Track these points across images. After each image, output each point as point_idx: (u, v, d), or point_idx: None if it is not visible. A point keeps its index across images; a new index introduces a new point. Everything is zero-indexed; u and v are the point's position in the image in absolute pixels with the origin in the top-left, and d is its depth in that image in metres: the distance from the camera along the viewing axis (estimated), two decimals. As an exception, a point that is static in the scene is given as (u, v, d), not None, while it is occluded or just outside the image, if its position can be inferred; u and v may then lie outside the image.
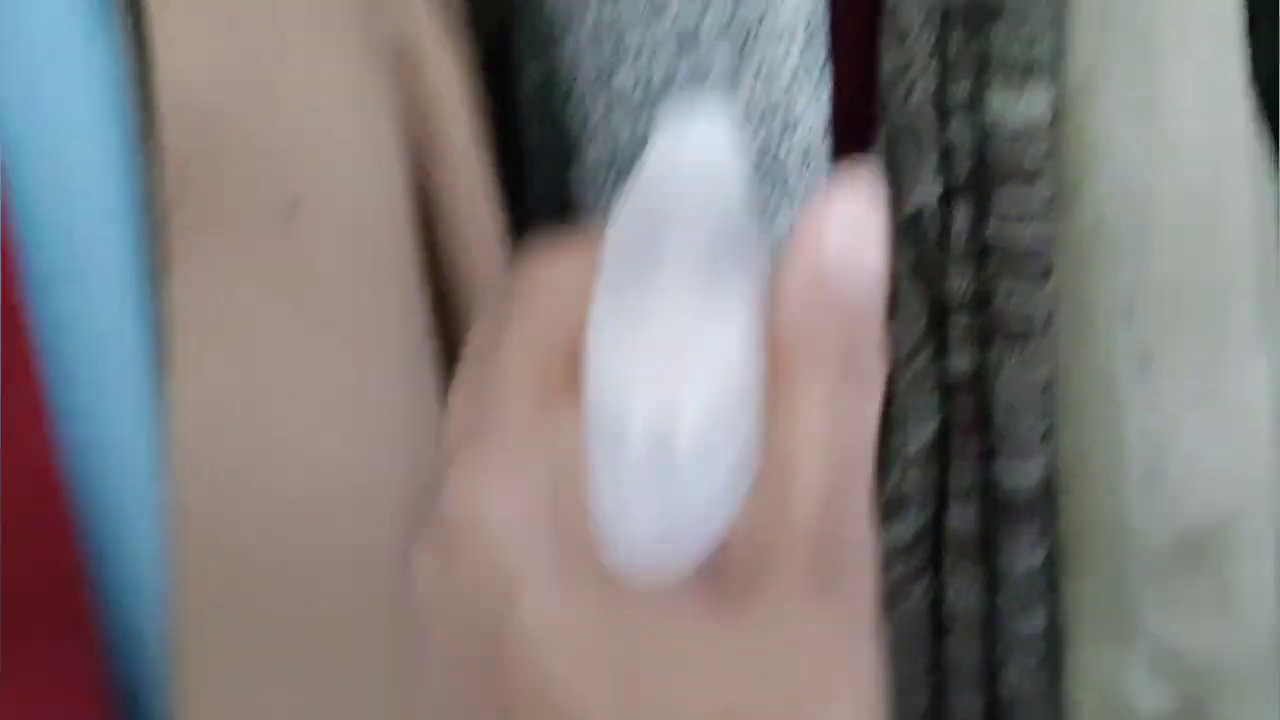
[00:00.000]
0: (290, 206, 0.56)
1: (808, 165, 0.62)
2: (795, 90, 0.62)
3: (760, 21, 0.62)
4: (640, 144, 0.73)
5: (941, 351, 0.66)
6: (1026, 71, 0.59)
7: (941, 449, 0.67)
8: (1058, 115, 0.60)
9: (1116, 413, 0.63)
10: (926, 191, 0.62)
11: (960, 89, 0.61)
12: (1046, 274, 0.62)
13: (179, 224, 0.55)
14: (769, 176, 0.63)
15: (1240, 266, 0.59)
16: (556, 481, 0.27)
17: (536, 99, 0.82)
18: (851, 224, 0.26)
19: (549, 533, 0.26)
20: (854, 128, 0.65)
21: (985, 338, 0.64)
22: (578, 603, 0.26)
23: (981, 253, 0.63)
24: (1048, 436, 0.64)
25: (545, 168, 0.83)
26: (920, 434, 0.67)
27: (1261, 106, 0.60)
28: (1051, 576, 0.68)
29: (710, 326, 0.26)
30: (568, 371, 0.27)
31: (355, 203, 0.58)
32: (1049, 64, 0.58)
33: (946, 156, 0.62)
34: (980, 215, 0.62)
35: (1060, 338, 0.64)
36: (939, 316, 0.66)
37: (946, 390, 0.66)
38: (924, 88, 0.61)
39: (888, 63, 0.62)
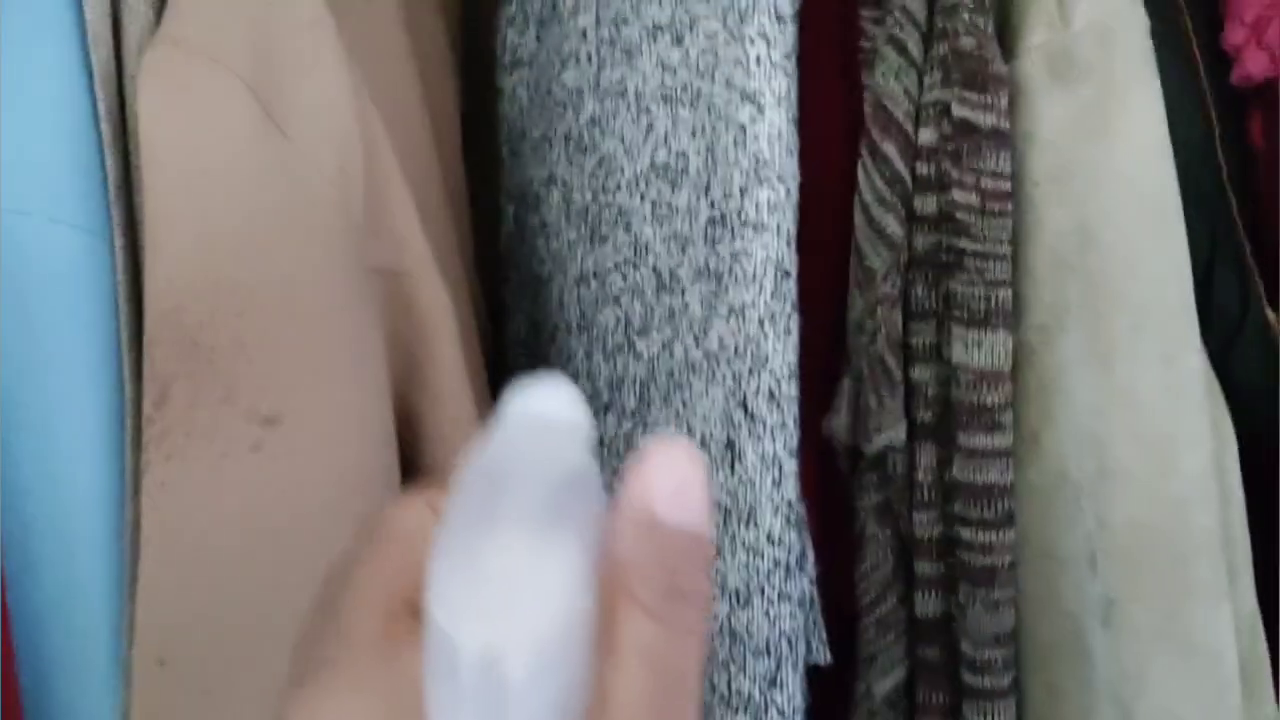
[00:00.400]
0: (265, 424, 0.57)
1: (776, 403, 0.64)
2: (764, 331, 0.64)
3: (731, 268, 0.65)
4: (618, 384, 0.76)
5: (907, 597, 0.66)
6: (986, 320, 0.61)
7: (909, 699, 0.66)
8: (1018, 363, 0.62)
9: (1086, 662, 0.62)
10: (893, 433, 0.64)
11: (924, 334, 0.63)
12: (1009, 520, 0.62)
13: (154, 433, 0.56)
14: (736, 415, 0.65)
15: (1200, 513, 0.60)
16: (396, 713, 0.28)
17: (524, 344, 0.85)
18: (676, 469, 0.29)
19: None
20: (821, 368, 0.67)
21: (951, 584, 0.64)
22: None
23: (946, 496, 0.64)
24: (1016, 684, 0.64)
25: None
26: (886, 681, 0.66)
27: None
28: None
29: (543, 567, 0.28)
30: (412, 609, 0.29)
31: (333, 424, 0.59)
32: (1008, 313, 0.61)
33: (911, 399, 0.64)
34: (945, 458, 0.63)
35: (1027, 586, 0.64)
36: (905, 560, 0.66)
37: (913, 636, 0.66)
38: (888, 333, 0.63)
39: (855, 308, 0.65)
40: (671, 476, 0.29)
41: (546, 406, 0.31)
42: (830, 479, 0.70)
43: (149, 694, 0.54)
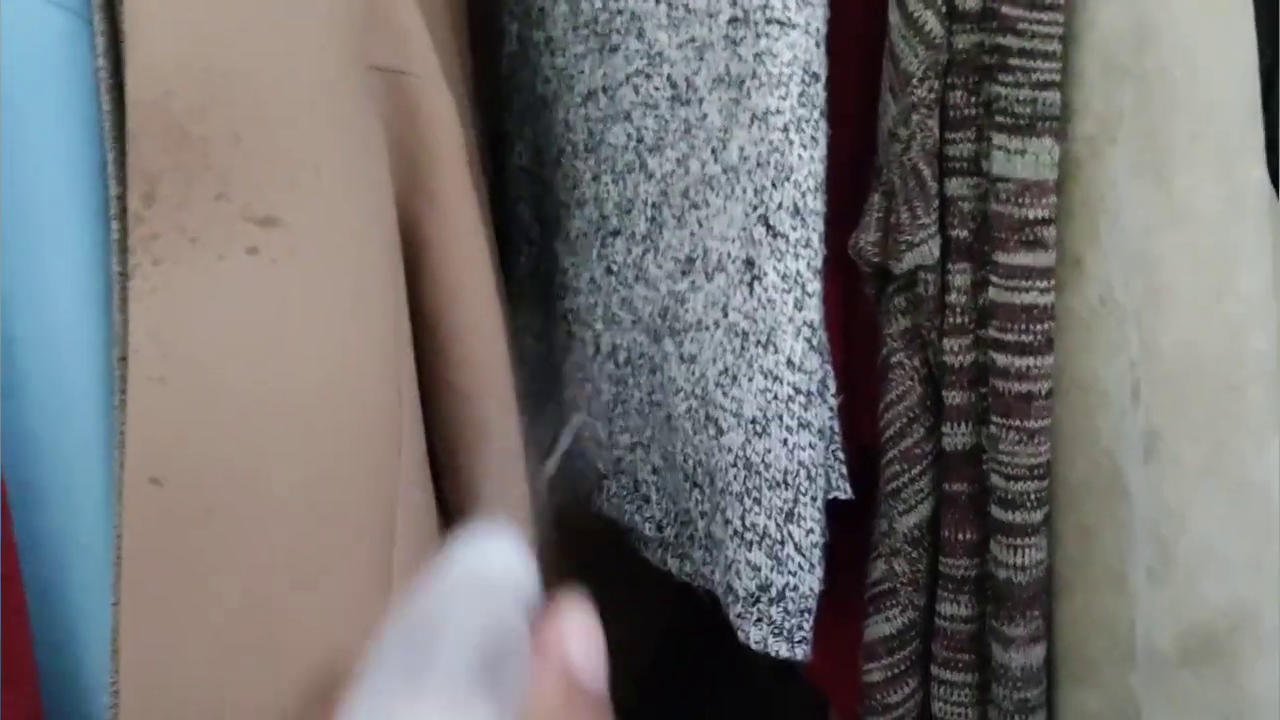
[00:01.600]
0: (263, 225, 0.54)
1: (800, 218, 0.60)
2: (789, 139, 0.60)
3: (754, 71, 0.61)
4: (628, 207, 0.72)
5: (935, 429, 0.63)
6: (1031, 127, 0.57)
7: (933, 535, 0.63)
8: (1062, 179, 0.58)
9: (1121, 502, 0.60)
10: (925, 250, 0.60)
11: (963, 144, 0.59)
12: (1048, 344, 0.59)
13: (142, 235, 0.52)
14: (756, 231, 0.61)
15: (1255, 336, 0.56)
16: None
17: (527, 171, 0.81)
18: (586, 632, 0.32)
19: None
20: (850, 182, 0.63)
21: (982, 414, 0.61)
22: None
23: (981, 320, 0.60)
24: (1048, 521, 0.61)
25: (532, 244, 0.82)
26: (910, 517, 0.63)
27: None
28: (1049, 685, 0.63)
29: None
30: None
31: (335, 227, 0.55)
32: (1055, 118, 0.57)
33: (946, 214, 0.60)
34: (981, 279, 0.60)
35: (1062, 420, 0.61)
36: (933, 391, 0.63)
37: (939, 471, 0.63)
38: (924, 142, 0.59)
39: (887, 115, 0.61)
40: (585, 641, 0.31)
41: (488, 562, 0.32)
42: (855, 302, 0.66)
43: (142, 515, 0.51)
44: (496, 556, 0.32)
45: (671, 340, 0.68)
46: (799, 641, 0.63)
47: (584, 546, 0.75)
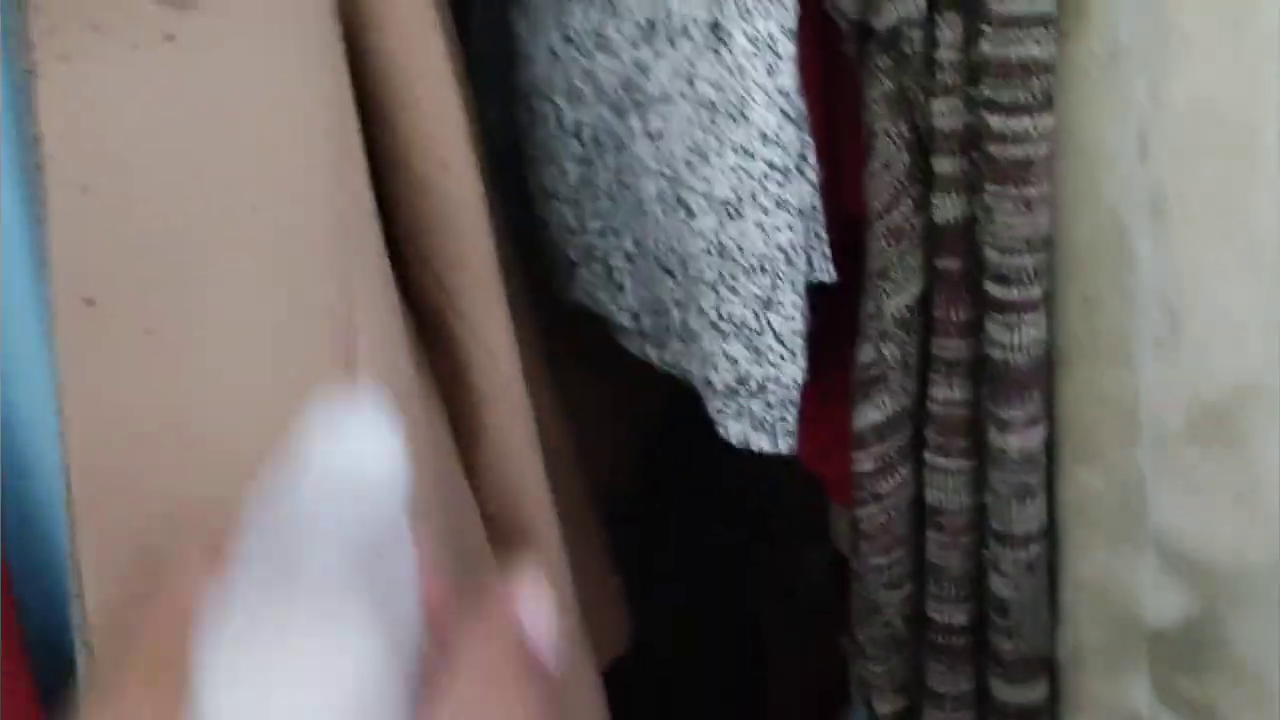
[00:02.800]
0: (179, 7, 0.49)
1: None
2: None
3: None
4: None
5: (924, 201, 0.58)
6: None
7: (924, 316, 0.60)
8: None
9: (1128, 266, 0.56)
10: (909, 3, 0.55)
11: (948, -124, 0.53)
12: (1048, 102, 0.54)
13: (42, 27, 0.47)
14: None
15: (1271, 86, 0.51)
16: None
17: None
18: (540, 603, 0.31)
19: None
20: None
21: (975, 182, 0.56)
22: None
23: (971, 79, 0.55)
24: (1049, 295, 0.57)
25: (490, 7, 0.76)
26: (898, 299, 0.60)
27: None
28: (1050, 465, 0.61)
29: (331, 652, 0.27)
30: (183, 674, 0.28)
31: (260, 8, 0.50)
32: None
33: (931, -40, 0.55)
34: (972, 32, 0.55)
35: (1064, 180, 0.56)
36: (921, 159, 0.58)
37: (929, 247, 0.59)
38: (905, -124, 0.53)
39: None
40: (538, 608, 0.30)
41: (355, 447, 0.29)
42: (837, 64, 0.61)
43: (79, 339, 0.48)
44: (364, 440, 0.29)
45: (636, 115, 0.64)
46: (783, 435, 0.61)
47: (567, 344, 0.72)
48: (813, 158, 0.59)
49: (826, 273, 0.61)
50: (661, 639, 0.89)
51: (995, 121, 0.55)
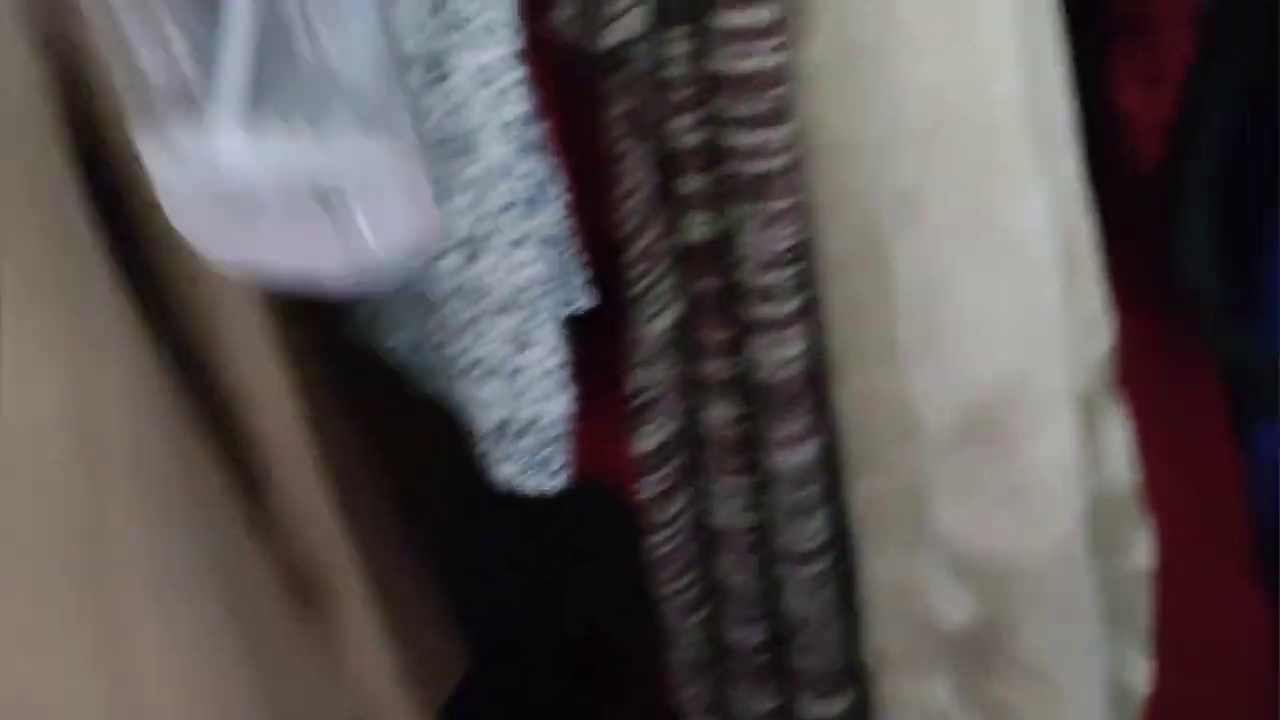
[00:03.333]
0: None
1: (480, -1, 0.52)
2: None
3: None
4: None
5: (676, 222, 0.57)
6: None
7: (688, 337, 0.58)
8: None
9: (885, 270, 0.55)
10: (629, 22, 0.53)
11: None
12: (783, 113, 0.53)
13: None
14: (434, 21, 0.53)
15: (1005, 79, 0.51)
16: None
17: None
18: None
19: None
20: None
21: (722, 200, 0.55)
22: None
23: (706, 95, 0.54)
24: (808, 308, 0.56)
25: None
26: (659, 323, 0.58)
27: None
28: (830, 478, 0.60)
29: None
30: None
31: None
32: None
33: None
34: (700, 45, 0.53)
35: (818, 184, 0.55)
36: (668, 179, 0.56)
37: (684, 268, 0.57)
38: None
39: None
40: None
41: None
42: (578, 84, 0.59)
43: None
44: None
45: (374, 151, 0.61)
46: (554, 473, 0.59)
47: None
48: (559, 182, 0.57)
49: (586, 299, 0.59)
50: (508, 658, 0.87)
51: (734, 137, 0.54)
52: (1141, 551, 0.64)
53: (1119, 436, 0.62)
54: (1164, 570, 0.65)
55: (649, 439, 0.60)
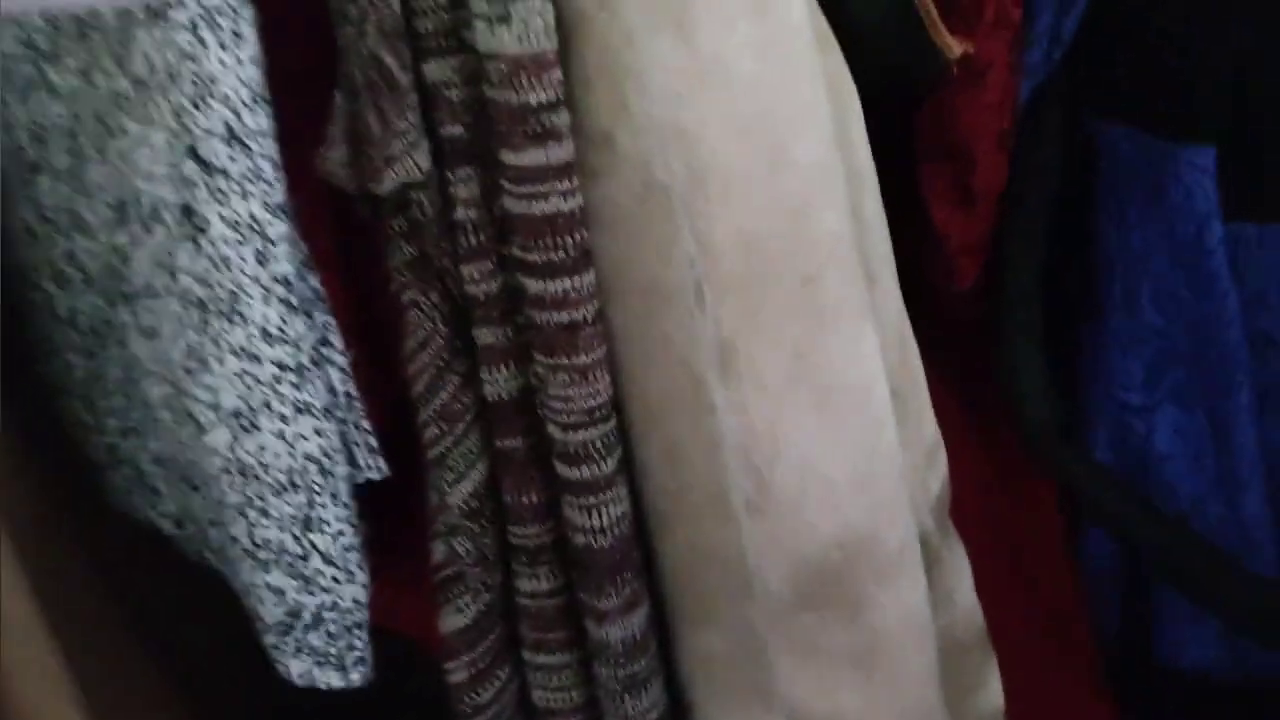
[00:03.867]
0: None
1: (240, 145, 0.46)
2: (200, 41, 0.45)
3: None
4: (40, 135, 0.56)
5: (472, 376, 0.51)
6: (511, -14, 0.44)
7: (494, 502, 0.53)
8: (570, 40, 0.47)
9: (708, 417, 0.50)
10: (409, 165, 0.47)
11: (434, 14, 0.47)
12: (584, 257, 0.48)
13: None
14: (186, 168, 0.47)
15: (822, 211, 0.47)
16: None
17: None
18: None
19: None
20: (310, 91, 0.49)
21: (524, 350, 0.50)
22: None
23: (500, 237, 0.49)
24: (624, 465, 0.51)
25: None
26: (461, 488, 0.52)
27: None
28: (666, 634, 0.55)
29: None
30: None
31: None
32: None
33: (431, 109, 0.47)
34: (491, 185, 0.48)
35: (628, 329, 0.50)
36: (463, 329, 0.51)
37: (486, 427, 0.52)
38: (381, 21, 0.46)
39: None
40: None
41: None
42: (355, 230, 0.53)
43: None
44: None
45: (126, 308, 0.54)
46: (354, 666, 0.52)
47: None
48: (337, 340, 0.51)
49: (377, 468, 0.53)
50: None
51: (533, 285, 0.49)
52: (991, 688, 0.61)
53: (962, 571, 0.58)
54: (1015, 695, 0.62)
55: (457, 618, 0.54)
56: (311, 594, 0.51)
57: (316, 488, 0.50)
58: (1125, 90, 0.57)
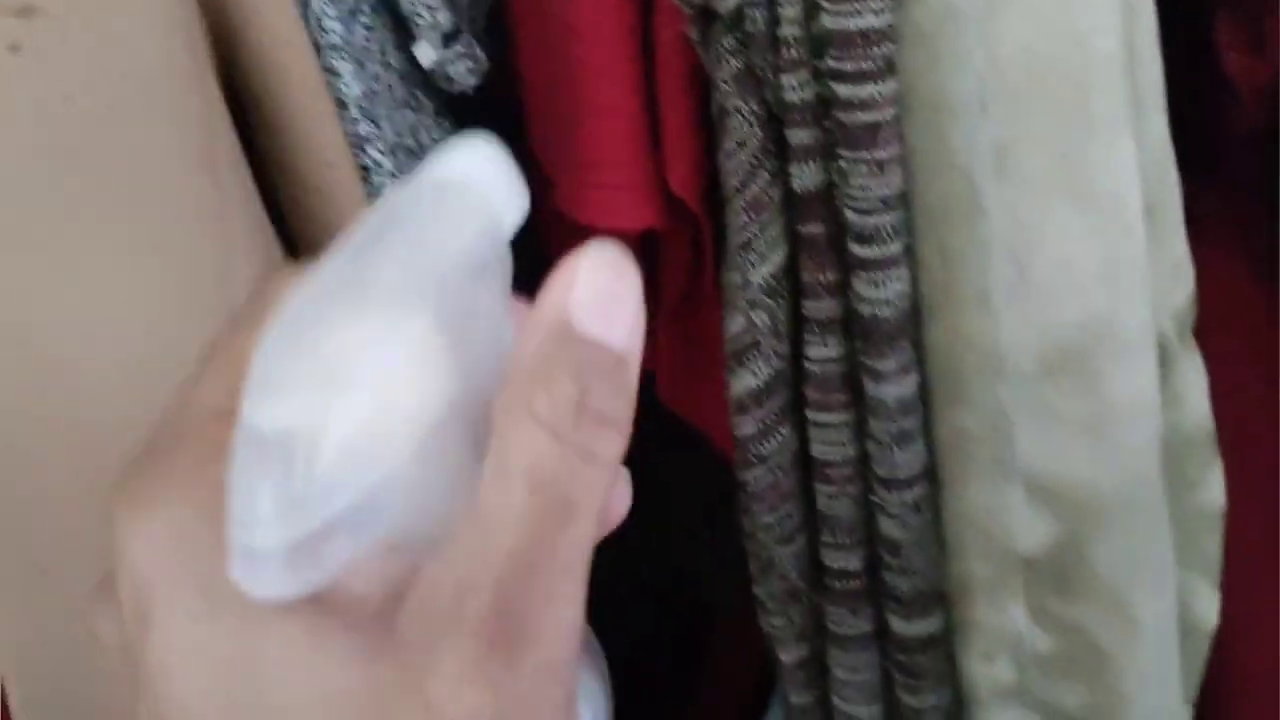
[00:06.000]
0: (20, 14, 0.50)
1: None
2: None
3: None
4: None
5: (780, 172, 0.63)
6: None
7: (790, 281, 0.65)
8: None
9: (979, 217, 0.61)
10: (749, -18, 0.59)
11: None
12: (889, 68, 0.59)
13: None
14: None
15: (1101, 34, 0.57)
16: (209, 512, 0.26)
17: None
18: (603, 276, 0.27)
19: (195, 556, 0.26)
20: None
21: (829, 149, 0.61)
22: (211, 634, 0.26)
23: (816, 52, 0.60)
24: (910, 249, 0.62)
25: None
26: (764, 268, 0.64)
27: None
28: (925, 411, 0.66)
29: (391, 352, 0.26)
30: None
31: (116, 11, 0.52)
32: None
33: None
34: (812, 6, 0.59)
35: (915, 142, 0.61)
36: (774, 132, 0.62)
37: (790, 215, 0.63)
38: None
39: None
40: (596, 284, 0.27)
41: (465, 170, 0.28)
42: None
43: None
44: (478, 168, 0.28)
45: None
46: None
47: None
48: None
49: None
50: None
51: (843, 90, 0.60)
52: (1213, 489, 0.70)
53: (1196, 381, 0.67)
54: (1239, 511, 0.71)
55: (750, 380, 0.66)
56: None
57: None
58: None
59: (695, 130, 0.66)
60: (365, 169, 0.59)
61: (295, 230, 0.60)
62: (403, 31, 0.61)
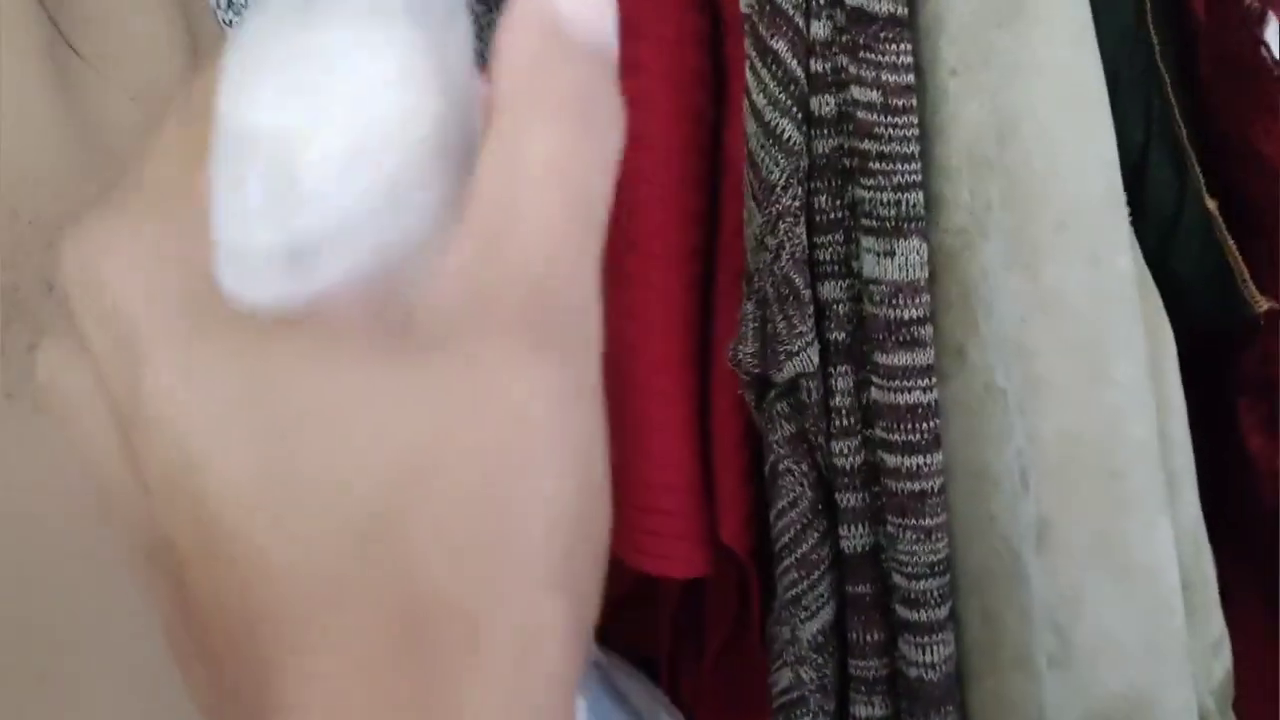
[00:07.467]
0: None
1: None
2: None
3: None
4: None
5: (829, 533, 0.66)
6: (897, 228, 0.61)
7: (838, 639, 0.67)
8: (936, 271, 0.62)
9: (1021, 585, 0.64)
10: (805, 357, 0.63)
11: (831, 247, 0.63)
12: (935, 441, 0.63)
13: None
14: None
15: (1134, 423, 0.61)
16: (190, 228, 0.25)
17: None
18: None
19: (180, 282, 0.25)
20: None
21: (877, 514, 0.64)
22: (214, 356, 0.25)
23: (866, 421, 0.64)
24: (953, 614, 0.64)
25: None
26: (812, 625, 0.67)
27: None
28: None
29: (369, 56, 0.26)
30: None
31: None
32: (920, 218, 0.60)
33: (822, 319, 0.64)
34: (863, 380, 0.63)
35: (958, 509, 0.65)
36: (824, 494, 0.66)
37: (838, 575, 0.66)
38: (793, 250, 0.63)
39: (753, 223, 0.64)
40: None
41: None
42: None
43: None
44: None
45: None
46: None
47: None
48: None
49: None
50: None
51: (891, 460, 0.63)
52: None
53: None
54: None
55: (798, 737, 0.68)
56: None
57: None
58: None
59: (747, 485, 0.69)
60: None
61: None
62: None
